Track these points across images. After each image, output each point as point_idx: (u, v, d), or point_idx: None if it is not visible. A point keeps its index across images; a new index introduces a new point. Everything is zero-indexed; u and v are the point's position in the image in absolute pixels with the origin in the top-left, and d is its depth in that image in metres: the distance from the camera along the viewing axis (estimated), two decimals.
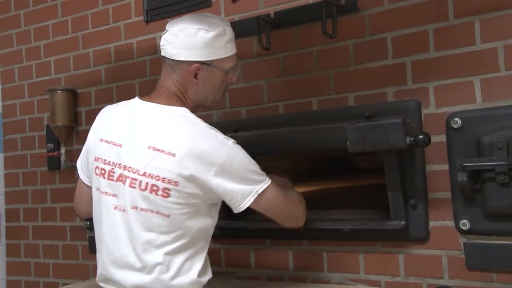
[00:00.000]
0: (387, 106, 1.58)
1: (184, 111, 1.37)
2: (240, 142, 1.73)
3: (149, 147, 1.31)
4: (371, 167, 3.11)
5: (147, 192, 1.30)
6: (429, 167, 1.52)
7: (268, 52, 1.76)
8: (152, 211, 1.30)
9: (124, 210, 1.33)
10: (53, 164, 2.34)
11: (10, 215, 2.50)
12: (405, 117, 1.45)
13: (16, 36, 2.50)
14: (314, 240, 1.73)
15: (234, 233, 1.85)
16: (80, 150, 2.25)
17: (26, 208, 2.45)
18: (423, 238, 1.53)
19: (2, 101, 2.55)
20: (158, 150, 1.30)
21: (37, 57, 2.42)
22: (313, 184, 2.74)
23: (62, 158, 2.27)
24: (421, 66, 1.54)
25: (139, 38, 2.12)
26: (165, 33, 1.40)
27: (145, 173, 1.30)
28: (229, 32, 1.42)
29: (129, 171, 1.32)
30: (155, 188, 1.29)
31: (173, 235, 1.31)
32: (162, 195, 1.29)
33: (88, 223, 2.16)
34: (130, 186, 1.32)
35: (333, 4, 1.62)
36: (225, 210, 1.81)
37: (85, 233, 2.24)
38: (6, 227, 2.51)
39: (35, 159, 2.42)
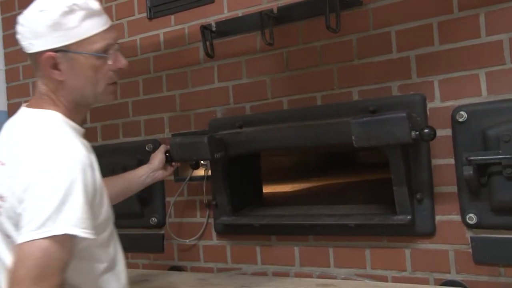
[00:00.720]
0: (392, 100, 1.57)
1: (45, 115, 1.18)
2: (245, 138, 1.74)
3: None
4: (376, 162, 3.12)
5: None
6: (435, 161, 1.51)
7: (272, 48, 1.75)
8: None
9: None
10: None
11: None
12: (410, 111, 1.44)
13: None
14: (320, 236, 1.72)
15: (240, 230, 1.85)
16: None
17: None
18: (430, 233, 1.52)
19: (8, 99, 2.56)
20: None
21: None
22: (317, 179, 2.74)
23: None
24: (426, 59, 1.53)
25: (142, 35, 2.11)
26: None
27: None
28: (81, 7, 1.15)
29: None
30: None
31: None
32: None
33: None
34: None
35: None
36: (230, 206, 1.82)
37: None
38: None
39: None
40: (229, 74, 1.89)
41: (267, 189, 2.16)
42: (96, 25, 1.18)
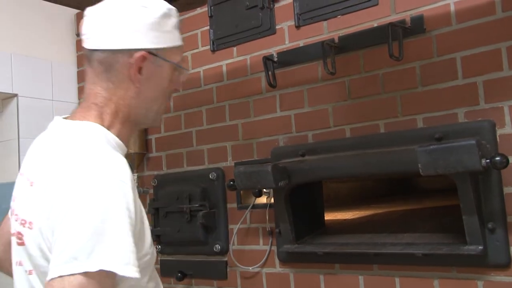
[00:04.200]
0: (459, 127, 1.54)
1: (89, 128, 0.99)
2: (308, 166, 1.76)
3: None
4: (438, 187, 3.03)
5: None
6: (507, 189, 1.47)
7: (334, 77, 1.78)
8: None
9: None
10: None
11: None
12: (479, 138, 1.41)
13: None
14: (385, 265, 1.69)
15: (303, 258, 1.85)
16: (151, 176, 2.34)
17: None
18: (504, 264, 1.46)
19: None
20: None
21: None
22: (378, 206, 2.70)
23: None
24: (494, 85, 1.50)
25: (206, 67, 2.20)
26: (84, 23, 1.03)
27: None
28: (175, 14, 1.06)
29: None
30: None
31: None
32: None
33: (160, 246, 2.23)
34: None
35: (399, 26, 1.61)
36: (293, 234, 1.83)
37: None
38: None
39: None
40: (291, 103, 1.92)
41: (328, 216, 2.15)
42: (180, 37, 1.08)
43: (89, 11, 1.04)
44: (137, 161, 2.36)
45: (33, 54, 2.54)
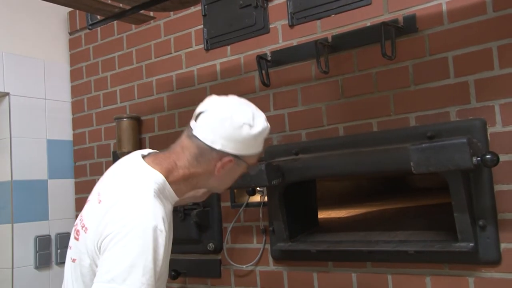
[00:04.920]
0: (450, 125, 1.55)
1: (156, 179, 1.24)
2: (301, 164, 1.76)
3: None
4: (430, 186, 3.05)
5: None
6: (498, 187, 1.48)
7: (327, 75, 1.79)
8: None
9: None
10: None
11: None
12: (470, 137, 1.43)
13: (86, 69, 2.66)
14: (378, 262, 1.71)
15: (296, 256, 1.86)
16: None
17: None
18: (495, 261, 1.48)
19: (73, 129, 2.71)
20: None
21: (105, 87, 2.57)
22: (371, 204, 2.71)
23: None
24: (486, 84, 1.52)
25: (199, 66, 2.20)
26: (204, 112, 1.26)
27: None
28: (268, 131, 1.32)
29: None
30: None
31: None
32: None
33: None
34: None
35: (391, 26, 1.63)
36: (287, 232, 1.84)
37: None
38: None
39: None
40: (285, 102, 1.93)
41: (321, 214, 2.16)
42: (262, 144, 1.33)
43: (211, 107, 1.27)
44: None
45: (25, 52, 2.54)
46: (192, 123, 1.28)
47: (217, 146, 1.25)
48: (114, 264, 1.14)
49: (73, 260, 1.29)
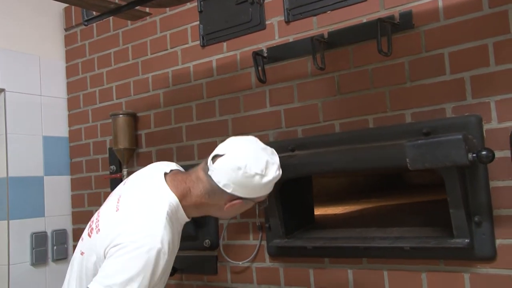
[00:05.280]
0: (446, 122, 1.56)
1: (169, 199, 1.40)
2: (297, 161, 1.76)
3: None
4: (426, 182, 3.06)
5: None
6: (493, 183, 1.49)
7: (323, 72, 1.78)
8: None
9: None
10: (116, 185, 2.41)
11: (77, 234, 2.62)
12: (466, 133, 1.43)
13: (82, 65, 2.65)
14: (374, 259, 1.71)
15: (293, 252, 1.86)
16: None
17: None
18: (490, 257, 1.48)
19: (69, 126, 2.70)
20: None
21: (100, 83, 2.56)
22: (368, 201, 2.72)
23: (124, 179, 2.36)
24: (481, 80, 1.52)
25: (195, 62, 2.19)
26: (222, 156, 1.40)
27: None
28: (279, 177, 1.44)
29: None
30: None
31: None
32: None
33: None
34: None
35: (387, 22, 1.62)
36: (283, 228, 1.84)
37: None
38: (73, 245, 2.63)
39: (99, 181, 2.53)
40: (281, 98, 1.93)
41: (317, 211, 2.16)
42: (272, 187, 1.46)
43: (229, 152, 1.40)
44: (126, 156, 2.36)
45: (20, 48, 2.52)
46: (209, 162, 1.41)
47: (229, 190, 1.39)
48: (115, 273, 1.26)
49: (82, 253, 1.43)
